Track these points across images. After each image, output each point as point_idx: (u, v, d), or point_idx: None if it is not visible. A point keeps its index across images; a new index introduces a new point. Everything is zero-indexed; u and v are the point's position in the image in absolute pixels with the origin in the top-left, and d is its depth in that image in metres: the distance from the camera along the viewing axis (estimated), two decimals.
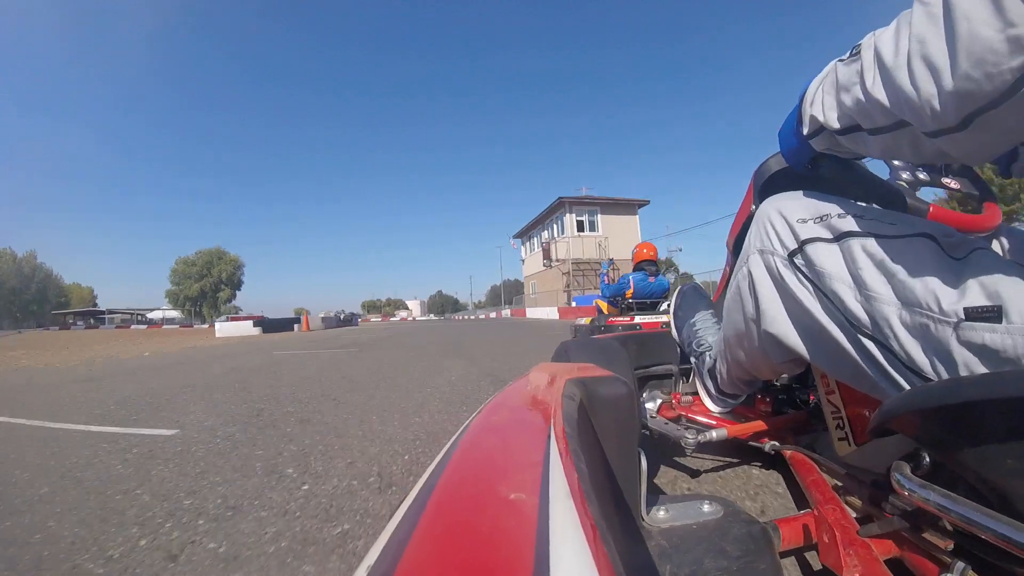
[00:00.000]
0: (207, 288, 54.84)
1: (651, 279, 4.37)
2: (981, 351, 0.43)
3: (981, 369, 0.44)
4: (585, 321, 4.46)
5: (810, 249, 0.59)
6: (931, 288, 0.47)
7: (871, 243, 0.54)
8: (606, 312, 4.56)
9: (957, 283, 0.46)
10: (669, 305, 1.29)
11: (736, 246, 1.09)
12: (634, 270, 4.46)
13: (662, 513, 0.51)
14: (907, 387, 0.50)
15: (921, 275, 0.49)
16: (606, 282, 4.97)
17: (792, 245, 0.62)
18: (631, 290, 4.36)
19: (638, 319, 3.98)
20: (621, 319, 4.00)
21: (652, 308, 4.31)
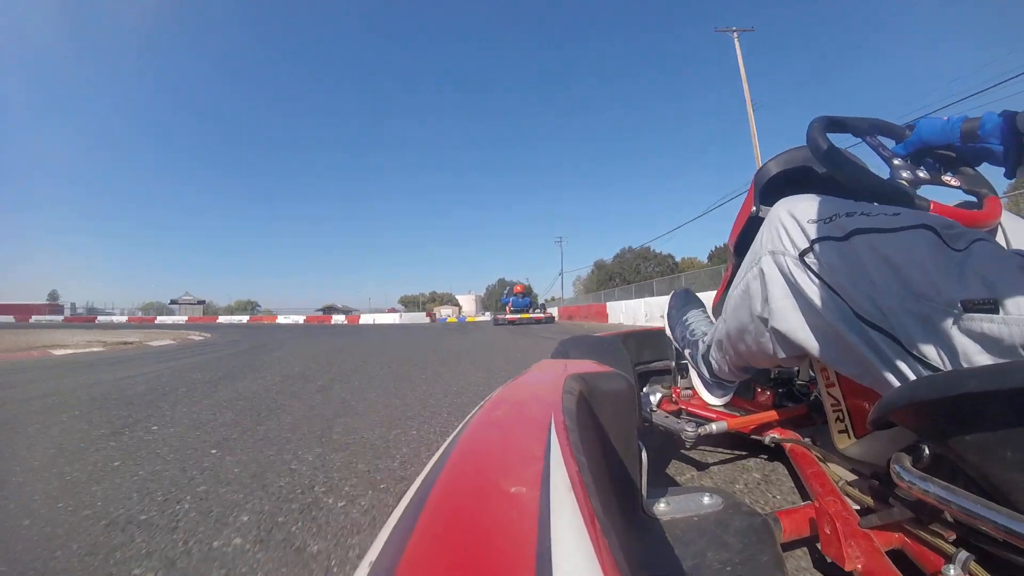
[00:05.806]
0: None
1: (520, 299, 18.38)
2: (981, 340, 0.45)
3: (982, 357, 0.45)
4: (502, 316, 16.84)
5: (820, 248, 0.61)
6: (932, 279, 0.49)
7: (876, 238, 0.55)
8: (508, 312, 17.38)
9: (957, 274, 0.48)
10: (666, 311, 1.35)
11: (738, 246, 1.09)
12: (515, 295, 18.48)
13: (663, 506, 0.51)
14: (913, 378, 0.51)
15: (923, 266, 0.50)
16: (504, 295, 19.71)
17: (803, 245, 0.63)
18: (510, 303, 17.93)
19: (518, 316, 16.72)
20: (513, 315, 16.73)
21: (523, 312, 17.18)
